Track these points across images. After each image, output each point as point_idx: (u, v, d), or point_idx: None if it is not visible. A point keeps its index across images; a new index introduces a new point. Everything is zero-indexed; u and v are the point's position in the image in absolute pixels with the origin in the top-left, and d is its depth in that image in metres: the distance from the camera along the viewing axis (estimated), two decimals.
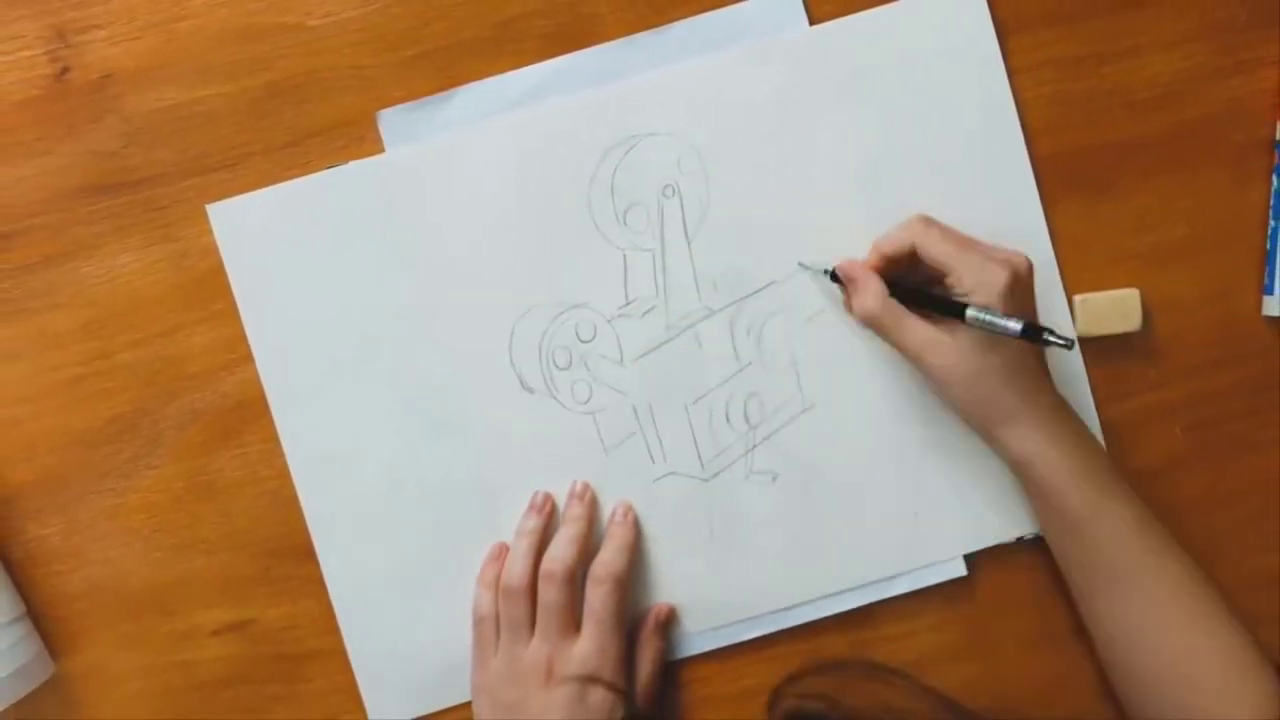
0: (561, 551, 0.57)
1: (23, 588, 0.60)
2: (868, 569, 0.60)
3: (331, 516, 0.60)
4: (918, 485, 0.60)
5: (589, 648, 0.56)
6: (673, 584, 0.60)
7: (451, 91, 0.59)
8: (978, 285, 0.53)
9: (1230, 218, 0.61)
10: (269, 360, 0.59)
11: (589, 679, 0.55)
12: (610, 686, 0.56)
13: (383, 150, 0.59)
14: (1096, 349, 0.61)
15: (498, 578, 0.59)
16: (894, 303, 0.55)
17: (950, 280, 0.54)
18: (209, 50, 0.59)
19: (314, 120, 0.59)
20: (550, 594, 0.57)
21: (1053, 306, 0.60)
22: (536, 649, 0.56)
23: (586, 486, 0.60)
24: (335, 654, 0.60)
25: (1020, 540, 0.60)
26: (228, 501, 0.60)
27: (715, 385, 0.60)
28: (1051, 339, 0.51)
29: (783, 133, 0.60)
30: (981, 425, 0.56)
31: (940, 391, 0.56)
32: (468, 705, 0.60)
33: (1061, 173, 0.61)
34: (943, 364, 0.54)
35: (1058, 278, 0.60)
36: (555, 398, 0.60)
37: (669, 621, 0.60)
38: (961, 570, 0.60)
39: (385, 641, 0.60)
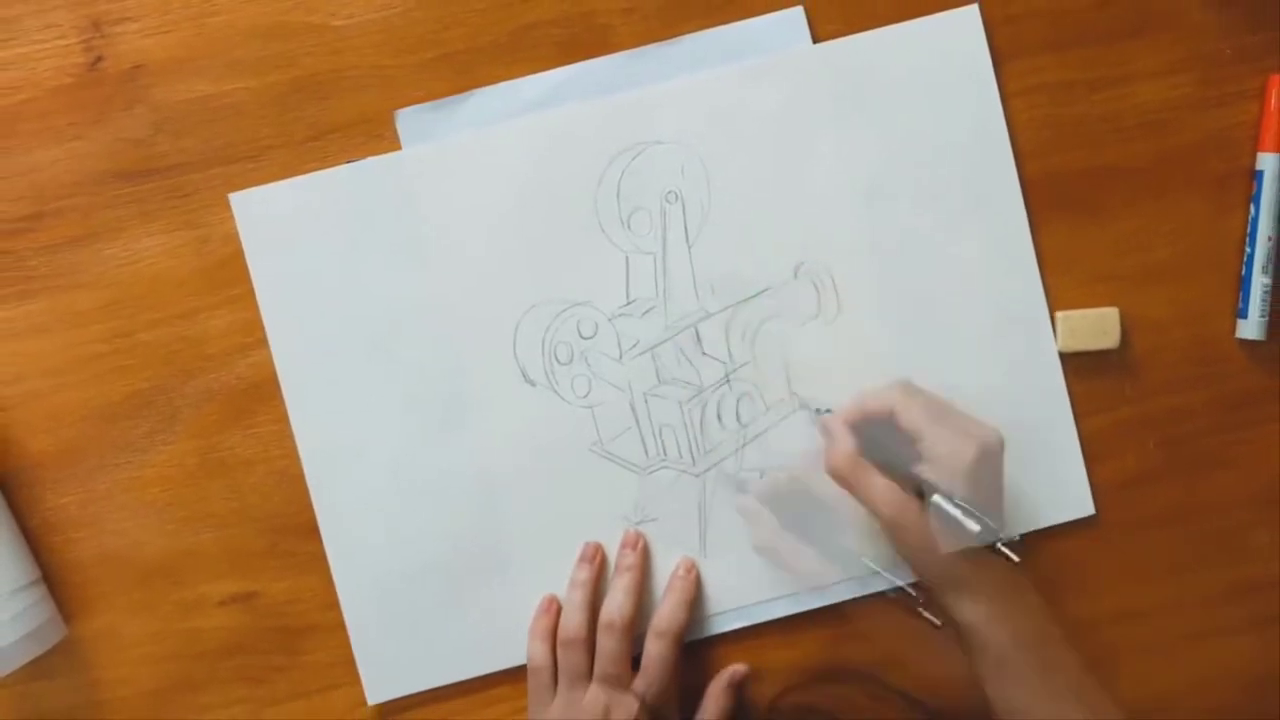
0: (620, 602, 0.59)
1: (39, 554, 0.61)
2: (846, 566, 0.61)
3: (337, 496, 0.61)
4: None
5: (647, 694, 0.58)
6: (661, 573, 0.62)
7: (467, 94, 0.61)
8: (945, 457, 0.54)
9: (1209, 243, 0.63)
10: (283, 344, 0.61)
11: None
12: None
13: (399, 148, 0.61)
14: (1077, 364, 0.62)
15: (549, 629, 0.60)
16: (863, 463, 0.55)
17: (921, 446, 0.55)
18: (237, 45, 0.61)
19: (335, 116, 0.61)
20: (609, 643, 0.58)
21: (1037, 322, 0.62)
22: (595, 695, 0.58)
23: (639, 535, 0.61)
24: (335, 628, 0.61)
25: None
26: (238, 478, 0.62)
27: (710, 385, 0.62)
28: (1004, 550, 0.52)
29: (783, 145, 0.61)
30: (933, 585, 0.56)
31: (897, 550, 0.56)
32: (459, 685, 0.62)
33: (1049, 194, 0.62)
34: (904, 526, 0.54)
35: (1042, 294, 0.62)
36: (556, 391, 0.62)
37: (742, 683, 0.61)
38: None
39: (383, 619, 0.61)
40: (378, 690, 0.62)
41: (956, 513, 0.53)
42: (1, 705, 0.61)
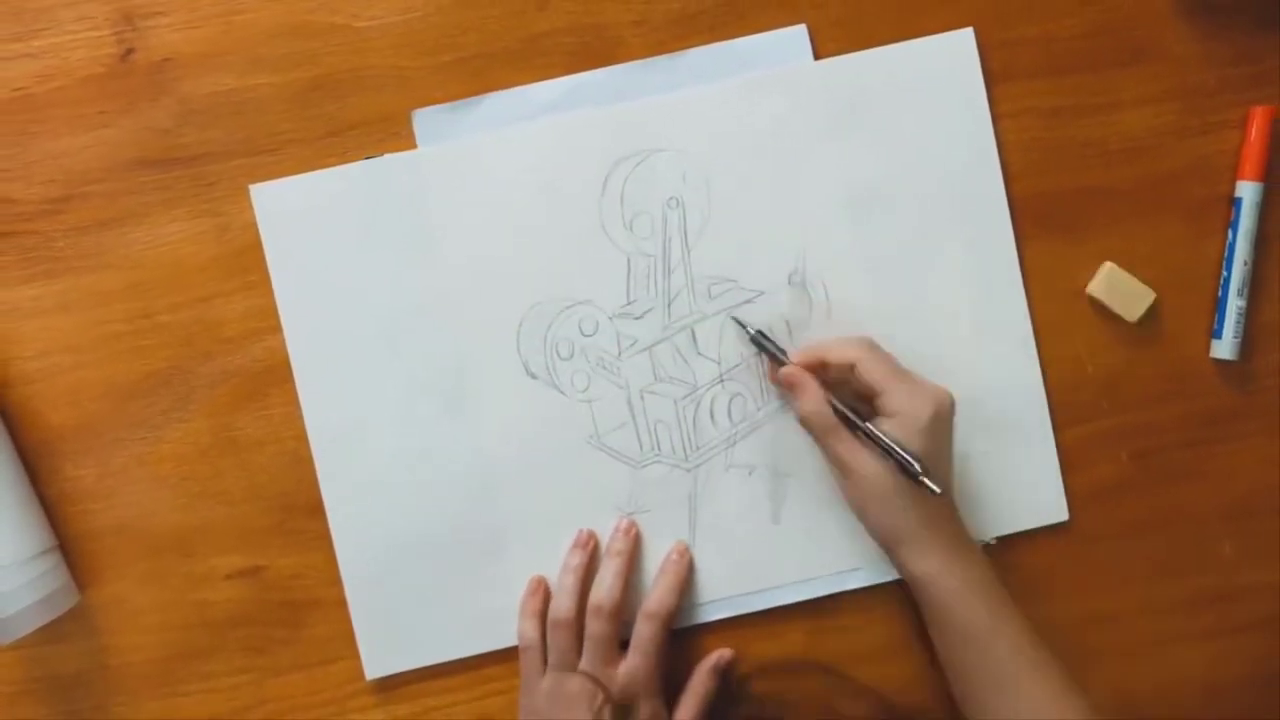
0: (610, 585, 0.61)
1: (56, 523, 0.63)
2: (830, 561, 0.64)
3: (342, 479, 0.63)
4: None
5: (634, 675, 0.60)
6: (652, 563, 0.64)
7: (481, 96, 0.63)
8: (903, 410, 0.57)
9: (1187, 265, 0.65)
10: (296, 331, 0.63)
11: (631, 703, 0.59)
12: (652, 710, 0.60)
13: (415, 146, 0.63)
14: (1057, 376, 0.64)
15: (538, 609, 0.62)
16: (830, 411, 0.59)
17: (879, 401, 0.58)
18: (262, 43, 0.63)
19: (353, 114, 0.63)
20: (598, 626, 0.60)
21: (1020, 333, 0.64)
22: (582, 675, 0.60)
23: (632, 524, 0.63)
24: (337, 604, 0.63)
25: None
26: (249, 457, 0.63)
27: (704, 384, 0.64)
28: (925, 481, 0.56)
29: (782, 156, 0.63)
30: (885, 541, 0.59)
31: (853, 502, 0.59)
32: (454, 663, 0.63)
33: (1035, 212, 0.64)
34: (863, 476, 0.57)
35: (1025, 307, 0.64)
36: (556, 385, 0.63)
37: (727, 667, 0.63)
38: None
39: (383, 597, 0.63)
40: (376, 665, 0.63)
41: (896, 445, 0.56)
42: (14, 667, 0.63)
